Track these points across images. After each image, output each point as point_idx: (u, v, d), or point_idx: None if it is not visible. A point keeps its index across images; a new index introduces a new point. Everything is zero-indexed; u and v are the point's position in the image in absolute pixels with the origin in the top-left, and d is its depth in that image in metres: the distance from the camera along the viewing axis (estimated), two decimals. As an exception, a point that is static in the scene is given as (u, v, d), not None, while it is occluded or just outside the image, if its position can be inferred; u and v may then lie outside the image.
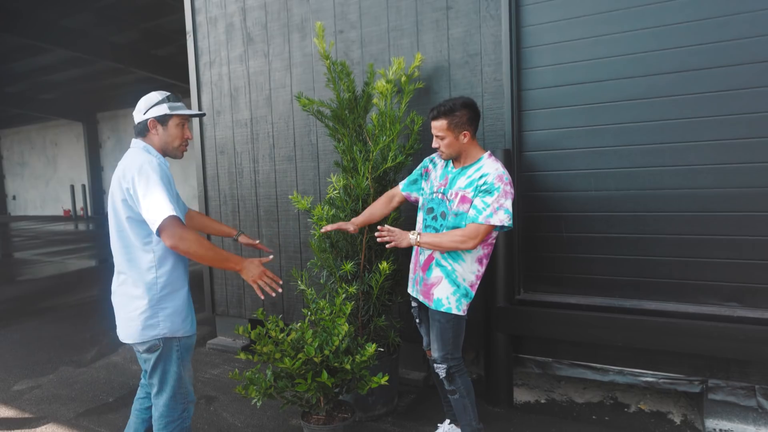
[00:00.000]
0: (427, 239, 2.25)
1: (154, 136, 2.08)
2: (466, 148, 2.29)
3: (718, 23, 2.55)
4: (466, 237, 2.16)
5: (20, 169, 25.62)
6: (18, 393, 3.50)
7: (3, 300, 6.41)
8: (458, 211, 2.25)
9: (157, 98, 2.08)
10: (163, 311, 2.00)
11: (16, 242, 13.57)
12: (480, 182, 2.20)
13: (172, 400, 2.07)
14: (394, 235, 2.26)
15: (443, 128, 2.25)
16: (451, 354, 2.34)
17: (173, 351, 2.04)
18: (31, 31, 11.08)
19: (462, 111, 2.23)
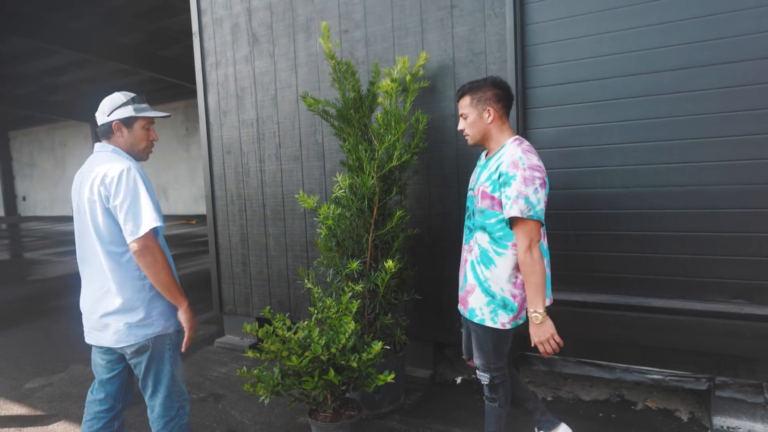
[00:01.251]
0: (534, 300, 1.95)
1: (119, 138, 2.05)
2: (491, 131, 2.09)
3: (723, 19, 2.54)
4: (525, 249, 1.93)
5: (30, 170, 25.89)
6: (30, 391, 3.55)
7: (14, 299, 6.49)
8: (482, 208, 2.07)
9: (122, 100, 2.04)
10: (155, 309, 1.99)
11: (26, 242, 13.72)
12: (496, 175, 2.01)
13: (168, 399, 2.06)
14: (542, 341, 2.00)
15: (466, 104, 2.11)
16: (494, 363, 2.18)
17: (165, 350, 2.03)
18: (40, 34, 11.19)
19: (488, 87, 2.07)
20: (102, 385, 2.15)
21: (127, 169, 1.91)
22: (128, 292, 1.96)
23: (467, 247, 2.23)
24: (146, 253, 1.88)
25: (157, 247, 1.91)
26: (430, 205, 3.32)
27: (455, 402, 3.10)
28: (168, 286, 1.96)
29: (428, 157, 3.28)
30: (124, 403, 2.20)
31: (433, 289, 3.35)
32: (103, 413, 2.14)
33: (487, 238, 2.09)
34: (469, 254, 2.19)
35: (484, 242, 2.11)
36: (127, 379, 2.18)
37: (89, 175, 1.97)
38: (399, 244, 2.90)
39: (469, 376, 3.44)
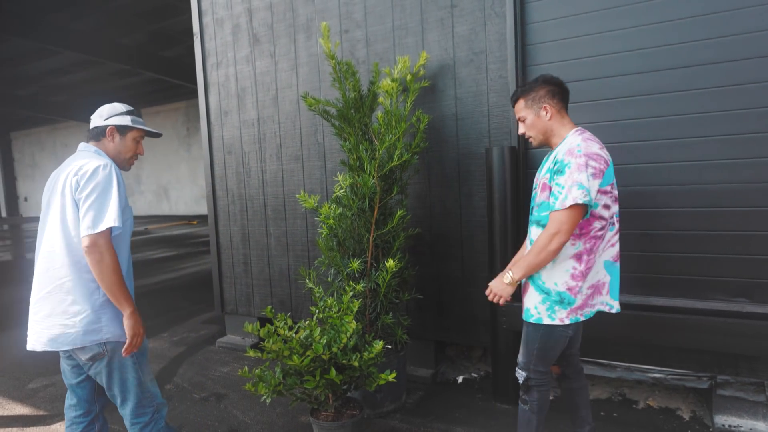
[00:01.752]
0: (519, 269, 1.96)
1: (108, 143, 2.06)
2: (551, 127, 2.03)
3: (724, 17, 2.54)
4: (548, 234, 1.86)
5: (31, 171, 25.94)
6: (32, 391, 3.56)
7: (15, 300, 6.51)
8: (540, 201, 2.00)
9: (122, 109, 2.09)
10: (105, 315, 1.91)
11: (28, 243, 13.75)
12: (552, 164, 1.94)
13: (138, 407, 2.02)
14: (493, 289, 2.03)
15: (521, 108, 2.07)
16: (534, 365, 2.07)
17: (127, 358, 1.96)
18: (42, 35, 11.22)
19: (539, 85, 2.03)
20: (73, 390, 2.10)
21: (104, 165, 1.90)
22: (79, 294, 1.89)
23: (527, 243, 2.18)
24: (94, 250, 1.82)
25: (107, 246, 1.84)
26: (430, 204, 3.32)
27: (457, 401, 3.10)
28: (112, 288, 1.86)
29: (429, 156, 3.28)
30: (101, 404, 2.15)
31: (434, 288, 3.35)
32: (80, 418, 2.10)
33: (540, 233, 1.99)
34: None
35: (536, 237, 2.02)
36: (98, 383, 2.09)
37: (66, 169, 1.95)
38: (400, 243, 2.90)
39: (470, 376, 3.44)
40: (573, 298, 1.95)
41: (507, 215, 2.86)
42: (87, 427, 2.11)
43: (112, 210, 1.85)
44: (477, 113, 3.11)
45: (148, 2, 10.56)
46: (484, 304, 3.16)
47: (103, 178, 1.88)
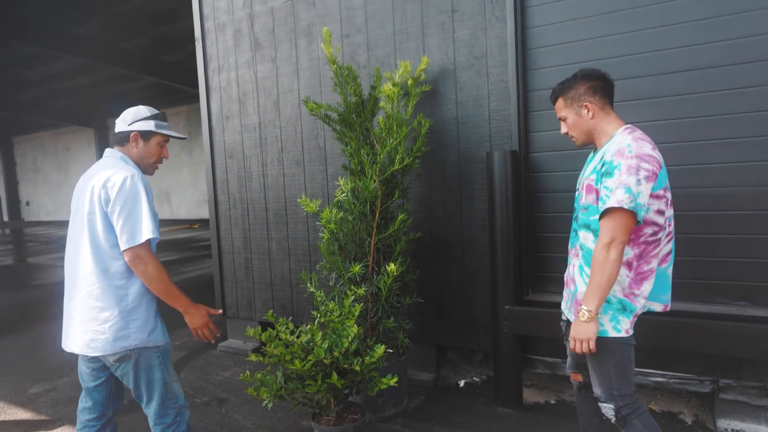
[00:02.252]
0: (591, 297, 1.73)
1: (132, 148, 2.08)
2: (595, 126, 1.88)
3: (724, 21, 2.54)
4: (603, 245, 1.70)
5: (33, 175, 26.00)
6: (34, 396, 3.56)
7: (18, 304, 6.51)
8: (586, 204, 1.86)
9: (146, 113, 2.09)
10: (134, 322, 1.95)
11: (30, 247, 13.78)
12: (599, 165, 1.79)
13: (162, 407, 2.05)
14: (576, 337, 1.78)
15: (561, 107, 1.94)
16: (618, 390, 1.83)
17: (154, 359, 2.01)
18: (44, 40, 11.28)
19: (578, 82, 1.88)
20: (89, 393, 2.12)
21: (130, 176, 1.93)
22: (108, 301, 1.93)
23: (573, 251, 2.00)
24: (138, 262, 1.89)
25: (149, 256, 1.91)
26: (432, 208, 3.32)
27: (458, 405, 3.10)
28: (162, 294, 1.95)
29: (430, 160, 3.29)
30: (114, 409, 2.18)
31: (435, 292, 3.35)
32: (93, 422, 2.12)
33: (592, 237, 1.85)
34: (576, 259, 1.95)
35: (588, 242, 1.87)
36: (115, 386, 2.15)
37: (91, 179, 1.98)
38: (401, 247, 2.90)
39: (472, 380, 3.44)
40: (633, 305, 1.82)
41: (508, 219, 2.86)
42: (99, 430, 2.13)
43: (147, 222, 1.90)
44: (478, 117, 3.12)
45: (150, 7, 10.61)
46: (485, 307, 3.16)
47: (130, 191, 1.90)
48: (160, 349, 2.04)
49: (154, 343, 2.01)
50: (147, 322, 1.99)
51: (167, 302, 1.98)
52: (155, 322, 2.03)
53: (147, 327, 1.98)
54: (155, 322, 2.03)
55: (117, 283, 1.94)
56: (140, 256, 1.89)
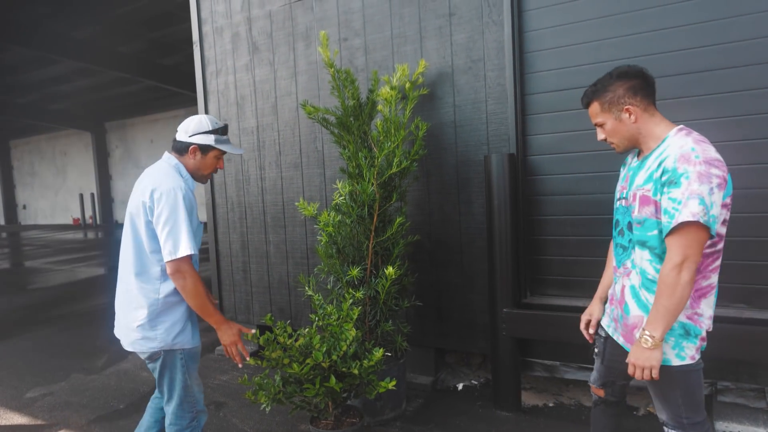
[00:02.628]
0: (656, 322, 1.56)
1: (189, 159, 2.12)
2: (640, 130, 1.68)
3: (721, 25, 2.56)
4: (674, 265, 1.52)
5: (30, 179, 25.94)
6: (31, 400, 3.54)
7: (14, 308, 6.49)
8: (641, 218, 1.65)
9: (208, 127, 2.10)
10: (161, 324, 2.02)
11: (26, 251, 13.73)
12: (658, 172, 1.58)
13: (180, 408, 2.10)
14: (637, 363, 1.61)
15: (597, 112, 1.75)
16: (687, 418, 1.68)
17: (177, 360, 2.07)
18: (42, 43, 11.28)
19: (615, 83, 1.69)
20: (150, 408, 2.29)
21: (176, 189, 1.97)
22: (141, 301, 2.02)
23: (622, 270, 1.81)
24: (178, 276, 1.96)
25: (190, 271, 1.98)
26: (430, 211, 3.33)
27: (457, 408, 3.09)
28: (200, 308, 2.02)
29: (428, 163, 3.29)
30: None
31: (433, 295, 3.35)
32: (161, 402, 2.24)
33: (648, 256, 1.67)
34: (626, 278, 1.76)
35: (643, 261, 1.69)
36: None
37: (143, 184, 2.04)
38: (399, 250, 2.90)
39: (470, 383, 3.44)
40: (698, 327, 1.65)
41: (506, 222, 2.87)
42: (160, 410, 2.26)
43: (185, 237, 1.94)
44: (475, 120, 3.13)
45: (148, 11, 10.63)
46: (484, 310, 3.16)
47: (174, 205, 1.94)
48: (185, 352, 2.08)
49: (179, 346, 2.05)
50: (174, 325, 2.04)
51: (202, 317, 2.05)
52: (184, 326, 2.07)
53: (173, 331, 2.04)
54: (184, 325, 2.08)
55: (150, 287, 2.02)
56: (181, 270, 1.95)
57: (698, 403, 1.68)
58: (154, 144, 20.64)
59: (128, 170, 21.80)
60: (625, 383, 1.95)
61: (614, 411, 2.05)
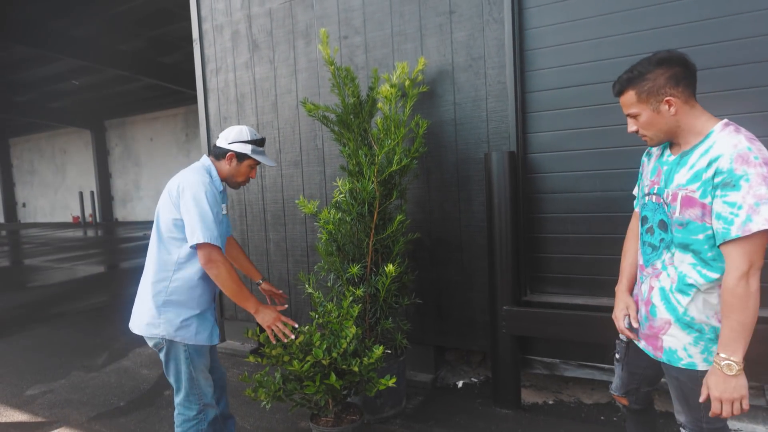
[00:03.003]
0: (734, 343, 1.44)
1: (225, 165, 2.24)
2: (679, 124, 1.55)
3: (721, 23, 2.56)
4: (741, 275, 1.41)
5: (30, 177, 25.92)
6: (31, 397, 3.54)
7: (14, 306, 6.49)
8: (684, 220, 1.53)
9: (247, 137, 2.23)
10: (166, 314, 2.09)
11: (26, 249, 13.73)
12: (709, 173, 1.45)
13: (186, 400, 2.15)
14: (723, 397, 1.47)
15: (632, 102, 1.58)
16: (708, 423, 1.61)
17: (180, 352, 2.11)
18: (42, 41, 11.27)
19: (656, 71, 1.52)
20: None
21: (199, 182, 2.07)
22: (152, 288, 2.11)
23: (650, 270, 1.69)
24: (212, 266, 2.04)
25: (222, 260, 2.06)
26: (430, 209, 3.33)
27: (457, 406, 3.10)
28: (231, 296, 2.09)
29: (428, 161, 3.29)
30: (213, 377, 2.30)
31: (433, 293, 3.36)
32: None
33: (692, 259, 1.55)
34: (655, 279, 1.66)
35: (684, 264, 1.57)
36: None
37: (171, 182, 2.15)
38: (399, 248, 2.90)
39: (470, 380, 3.44)
40: None
41: (506, 220, 2.87)
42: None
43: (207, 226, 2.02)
44: (476, 118, 3.12)
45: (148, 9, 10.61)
46: (484, 308, 3.17)
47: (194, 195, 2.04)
48: (189, 346, 2.12)
49: (180, 339, 2.10)
50: (177, 317, 2.09)
51: (238, 303, 2.11)
52: (189, 321, 2.12)
53: (176, 322, 2.09)
54: (189, 321, 2.12)
55: (163, 275, 2.10)
56: (213, 259, 2.03)
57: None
58: (154, 142, 20.63)
59: (128, 168, 21.80)
60: (650, 389, 1.87)
61: (644, 419, 1.97)
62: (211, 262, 2.03)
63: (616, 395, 1.94)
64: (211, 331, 2.20)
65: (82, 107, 20.01)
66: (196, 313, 2.14)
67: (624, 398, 1.91)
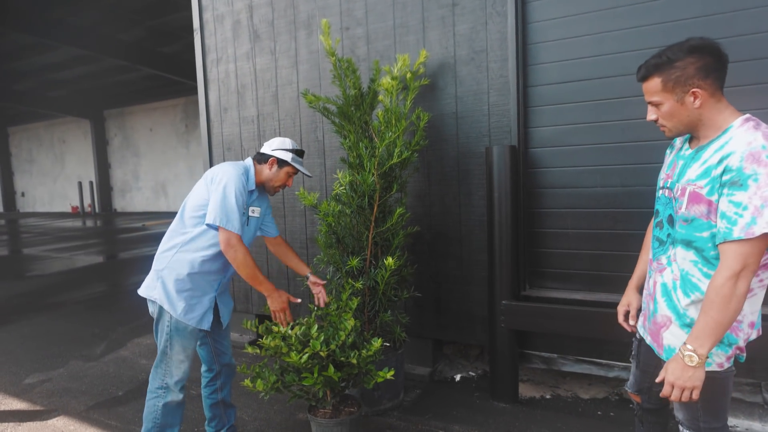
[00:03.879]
0: (703, 337, 1.41)
1: (266, 169, 2.39)
2: (701, 117, 1.48)
3: (725, 19, 2.54)
4: (732, 274, 1.37)
5: (29, 166, 25.85)
6: (29, 386, 3.55)
7: (13, 295, 6.49)
8: (689, 215, 1.49)
9: (289, 146, 2.42)
10: (162, 278, 2.21)
11: (24, 238, 13.71)
12: (719, 169, 1.40)
13: (155, 369, 2.27)
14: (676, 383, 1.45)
15: (656, 90, 1.51)
16: (705, 422, 1.58)
17: (165, 323, 2.21)
18: (40, 29, 11.18)
19: (687, 59, 1.44)
20: (198, 352, 2.48)
21: (235, 175, 2.21)
22: (161, 255, 2.26)
23: (656, 265, 1.67)
24: (230, 250, 2.17)
25: (240, 246, 2.18)
26: (430, 202, 3.32)
27: (454, 399, 3.11)
28: (250, 279, 2.23)
29: (429, 154, 3.28)
30: (220, 363, 2.51)
31: (432, 286, 3.36)
32: (206, 373, 2.52)
33: (694, 257, 1.52)
34: (658, 275, 1.64)
35: (686, 262, 1.54)
36: (214, 345, 2.47)
37: (208, 173, 2.29)
38: (399, 241, 2.90)
39: (468, 374, 3.45)
40: (734, 336, 1.50)
41: (506, 214, 2.86)
42: (210, 381, 2.53)
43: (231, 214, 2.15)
44: (477, 112, 3.11)
45: (148, -2, 10.52)
46: (483, 302, 3.17)
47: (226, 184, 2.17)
48: (173, 320, 2.20)
49: (168, 309, 2.19)
50: (172, 286, 2.20)
51: (254, 286, 2.26)
52: (182, 297, 2.21)
53: (168, 291, 2.20)
54: (183, 296, 2.21)
55: (173, 243, 2.24)
56: (231, 244, 2.16)
57: (719, 409, 1.58)
58: (153, 132, 20.55)
59: (127, 159, 21.74)
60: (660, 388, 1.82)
61: (654, 419, 1.93)
62: (230, 246, 2.15)
63: (630, 392, 1.92)
64: (202, 316, 2.26)
65: (81, 96, 19.91)
66: (191, 289, 2.23)
67: (637, 396, 1.89)
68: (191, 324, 2.22)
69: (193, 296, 2.23)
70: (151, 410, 2.26)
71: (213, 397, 2.54)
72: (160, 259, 2.25)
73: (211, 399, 2.55)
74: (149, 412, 2.27)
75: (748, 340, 1.53)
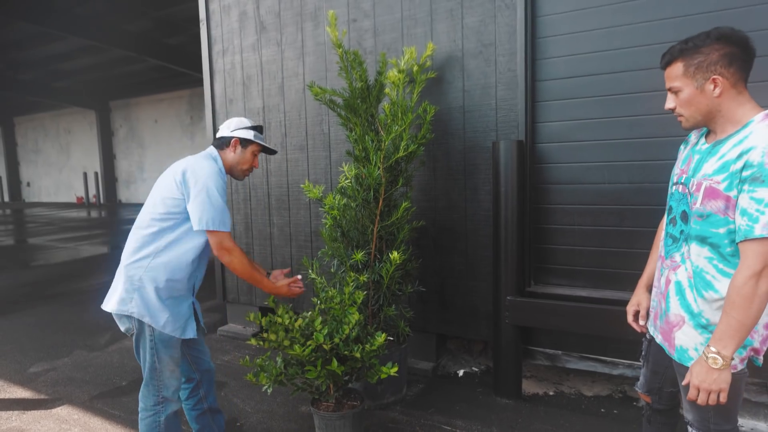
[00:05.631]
0: (727, 339, 1.38)
1: (229, 153, 2.27)
2: (719, 108, 1.45)
3: (737, 14, 2.50)
4: (752, 273, 1.34)
5: (34, 156, 25.94)
6: (34, 375, 3.57)
7: (18, 285, 6.52)
8: (704, 211, 1.46)
9: (248, 124, 2.31)
10: (136, 293, 2.03)
11: (30, 228, 13.78)
12: (738, 164, 1.37)
13: (146, 387, 2.10)
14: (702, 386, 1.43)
15: (677, 75, 1.48)
16: (715, 423, 1.56)
17: (146, 338, 2.05)
18: (46, 19, 11.17)
19: (712, 45, 1.42)
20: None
21: (209, 170, 2.09)
22: (133, 265, 2.06)
23: (669, 262, 1.63)
24: (224, 254, 2.10)
25: (234, 248, 2.11)
26: (435, 197, 3.30)
27: (457, 394, 3.10)
28: (249, 279, 2.18)
29: (435, 148, 3.26)
30: (200, 370, 2.33)
31: (437, 281, 3.35)
32: (185, 384, 2.34)
33: (709, 254, 1.48)
34: (672, 272, 1.60)
35: (700, 259, 1.50)
36: (189, 353, 2.29)
37: (174, 167, 2.13)
38: (404, 235, 2.89)
39: (471, 369, 3.44)
40: (749, 338, 1.48)
41: (512, 209, 2.85)
42: (192, 391, 2.35)
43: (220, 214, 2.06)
44: (485, 106, 3.08)
45: (154, -12, 10.48)
46: (487, 298, 3.15)
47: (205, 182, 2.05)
48: (156, 333, 2.05)
49: (149, 322, 2.04)
50: (151, 298, 2.04)
51: (255, 286, 2.23)
52: (162, 307, 2.05)
53: (148, 302, 2.03)
54: (162, 306, 2.05)
55: (146, 252, 2.06)
56: (225, 247, 2.09)
57: (730, 411, 1.55)
58: (159, 124, 20.57)
59: (132, 150, 21.77)
60: (675, 390, 1.81)
61: (663, 420, 1.90)
62: (224, 249, 2.08)
63: (640, 392, 1.90)
64: (184, 325, 2.11)
65: (87, 87, 19.93)
66: (170, 297, 2.08)
67: (647, 396, 1.88)
68: (176, 335, 2.08)
69: (174, 304, 2.08)
70: (152, 428, 2.10)
71: (198, 408, 2.36)
72: (132, 268, 2.04)
73: (196, 410, 2.36)
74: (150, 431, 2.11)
75: (766, 342, 1.50)
